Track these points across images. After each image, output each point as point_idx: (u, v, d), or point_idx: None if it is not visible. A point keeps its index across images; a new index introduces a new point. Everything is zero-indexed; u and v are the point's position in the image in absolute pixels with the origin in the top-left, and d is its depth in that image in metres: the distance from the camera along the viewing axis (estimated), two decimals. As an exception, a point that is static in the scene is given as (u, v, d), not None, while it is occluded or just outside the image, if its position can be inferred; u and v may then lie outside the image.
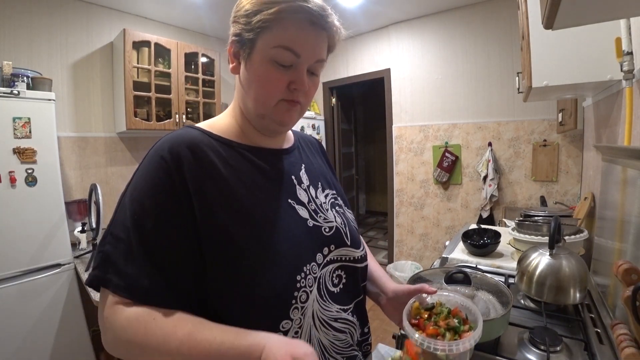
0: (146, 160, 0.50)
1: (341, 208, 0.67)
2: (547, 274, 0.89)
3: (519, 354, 0.76)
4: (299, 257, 0.53)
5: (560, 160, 2.37)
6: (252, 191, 0.53)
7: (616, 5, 0.57)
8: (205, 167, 0.50)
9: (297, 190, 0.59)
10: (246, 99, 0.55)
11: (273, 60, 0.50)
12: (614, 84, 1.10)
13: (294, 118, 0.56)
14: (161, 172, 0.48)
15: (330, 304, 0.57)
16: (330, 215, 0.62)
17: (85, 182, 2.28)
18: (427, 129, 2.98)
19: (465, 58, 2.73)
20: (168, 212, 0.47)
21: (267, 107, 0.53)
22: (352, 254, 0.62)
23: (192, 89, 2.64)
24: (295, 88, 0.52)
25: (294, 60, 0.50)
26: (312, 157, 0.70)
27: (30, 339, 1.66)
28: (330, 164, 0.77)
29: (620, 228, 0.86)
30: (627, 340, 0.59)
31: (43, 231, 1.73)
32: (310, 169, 0.66)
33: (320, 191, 0.64)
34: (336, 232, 0.60)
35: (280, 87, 0.51)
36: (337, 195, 0.69)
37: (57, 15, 2.17)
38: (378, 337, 2.30)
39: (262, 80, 0.51)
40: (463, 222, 2.82)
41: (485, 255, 1.38)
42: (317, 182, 0.65)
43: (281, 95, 0.52)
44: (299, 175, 0.62)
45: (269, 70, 0.50)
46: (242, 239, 0.48)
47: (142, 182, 0.49)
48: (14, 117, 1.63)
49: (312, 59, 0.52)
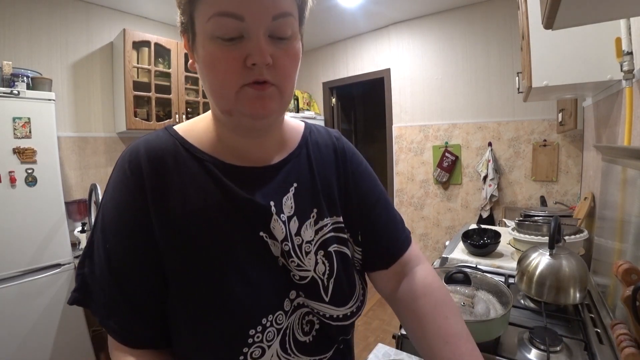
0: (114, 170, 0.45)
1: (340, 246, 0.51)
2: (547, 274, 0.89)
3: (519, 354, 0.76)
4: (257, 305, 0.42)
5: (560, 160, 2.37)
6: (215, 220, 0.43)
7: (616, 5, 0.56)
8: (165, 186, 0.43)
9: (271, 221, 0.46)
10: (209, 97, 0.44)
11: (214, 36, 0.38)
12: (614, 84, 1.10)
13: (268, 106, 0.41)
14: (123, 187, 0.43)
15: (297, 358, 0.46)
16: (308, 261, 0.47)
17: (85, 182, 2.28)
18: (427, 129, 2.97)
19: (465, 58, 2.73)
20: (133, 235, 0.42)
21: (228, 99, 0.40)
22: (328, 311, 0.47)
23: (192, 89, 2.64)
24: (253, 63, 0.38)
25: (239, 26, 0.37)
26: (314, 169, 0.52)
27: (30, 339, 1.66)
28: (352, 166, 0.57)
29: (620, 228, 0.86)
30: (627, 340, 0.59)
31: (43, 231, 1.73)
32: (303, 190, 0.50)
33: (310, 224, 0.49)
34: (310, 283, 0.47)
35: (234, 68, 0.38)
36: (342, 225, 0.52)
37: (57, 15, 2.17)
38: (378, 337, 2.30)
39: (209, 66, 0.39)
40: (463, 222, 2.82)
41: (485, 255, 1.38)
42: (309, 211, 0.50)
43: (239, 78, 0.38)
44: (281, 201, 0.48)
45: (213, 51, 0.38)
46: (191, 276, 0.41)
47: (108, 197, 0.44)
48: (14, 117, 1.63)
49: (265, 17, 0.37)
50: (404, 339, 0.87)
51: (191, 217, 0.43)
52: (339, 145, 0.57)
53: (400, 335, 0.87)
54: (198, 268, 0.42)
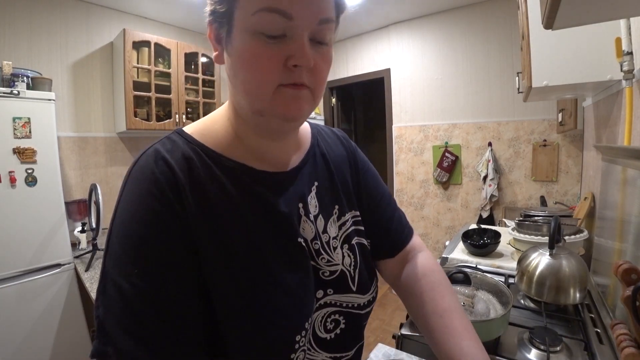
0: (132, 182, 0.39)
1: (360, 238, 0.54)
2: (547, 274, 0.89)
3: (519, 354, 0.76)
4: (300, 312, 0.43)
5: (560, 160, 2.37)
6: (252, 230, 0.41)
7: (616, 5, 0.57)
8: (202, 197, 0.39)
9: (301, 223, 0.46)
10: (237, 94, 0.42)
11: (257, 31, 0.36)
12: (614, 84, 1.10)
13: (302, 108, 0.40)
14: (153, 200, 0.37)
15: (317, 353, 0.47)
16: (336, 256, 0.49)
17: (85, 182, 2.28)
18: (427, 129, 2.97)
19: (465, 58, 2.73)
20: (173, 253, 0.37)
21: (263, 98, 0.38)
22: (355, 300, 0.50)
23: (192, 89, 2.64)
24: (295, 64, 0.37)
25: (286, 25, 0.36)
26: (332, 167, 0.54)
27: (30, 339, 1.66)
28: (360, 164, 0.60)
29: (620, 228, 0.86)
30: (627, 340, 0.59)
31: (43, 231, 1.73)
32: (324, 189, 0.52)
33: (333, 220, 0.51)
34: (339, 277, 0.49)
35: (274, 67, 0.37)
36: (359, 218, 0.55)
37: (57, 15, 2.17)
38: (378, 337, 2.30)
39: (248, 62, 0.37)
40: (463, 222, 2.82)
41: (485, 255, 1.38)
42: (331, 207, 0.52)
43: (278, 78, 0.37)
44: (307, 202, 0.48)
45: (254, 47, 0.36)
46: (236, 293, 0.39)
47: (128, 215, 0.37)
48: (14, 117, 1.63)
49: (312, 19, 0.37)
50: (404, 339, 0.87)
51: (231, 230, 0.40)
52: (347, 144, 0.61)
53: (400, 335, 0.87)
54: (242, 284, 0.39)
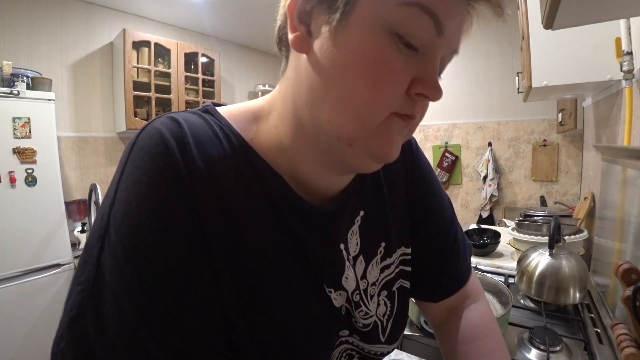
0: (135, 159, 0.27)
1: (404, 280, 0.44)
2: (547, 274, 0.89)
3: (518, 354, 0.76)
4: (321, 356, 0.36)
5: (560, 160, 2.37)
6: (281, 269, 0.32)
7: (616, 5, 0.57)
8: (224, 205, 0.29)
9: (344, 272, 0.37)
10: (321, 105, 0.28)
11: (392, 30, 0.25)
12: (613, 84, 1.10)
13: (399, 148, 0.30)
14: (164, 188, 0.26)
15: None
16: (372, 305, 0.40)
17: (85, 182, 2.28)
18: (427, 129, 2.97)
19: (465, 58, 2.73)
20: (191, 262, 0.27)
21: (368, 125, 0.28)
22: (380, 349, 0.42)
23: (192, 89, 2.65)
24: (420, 93, 0.27)
25: (430, 36, 0.26)
26: (384, 191, 0.42)
27: (30, 339, 1.66)
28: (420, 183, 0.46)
29: (620, 228, 0.86)
30: (627, 340, 0.59)
31: (43, 231, 1.73)
32: (370, 221, 0.40)
33: (376, 263, 0.41)
34: (372, 329, 0.40)
35: (400, 86, 0.27)
36: (408, 257, 0.45)
37: (57, 15, 2.17)
38: (378, 337, 2.30)
39: (369, 67, 0.26)
40: (463, 222, 2.82)
41: (485, 255, 1.38)
42: (376, 246, 0.41)
43: (396, 103, 0.27)
44: (347, 239, 0.38)
45: (385, 51, 0.26)
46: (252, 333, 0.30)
47: (130, 205, 0.26)
48: (13, 117, 1.63)
49: (452, 44, 0.28)
50: (404, 339, 0.87)
51: (254, 259, 0.30)
52: (408, 154, 0.46)
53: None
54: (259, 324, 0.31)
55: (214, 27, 2.93)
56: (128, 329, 0.24)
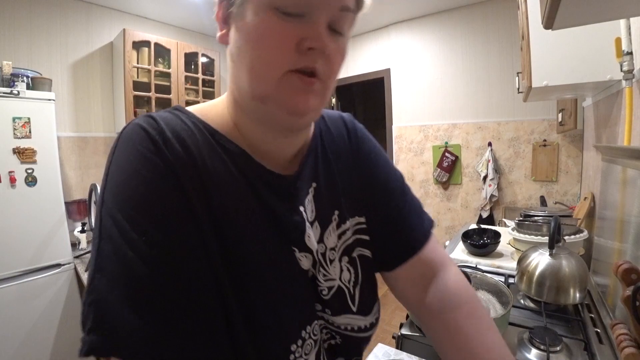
0: (123, 145, 0.34)
1: (363, 249, 0.47)
2: (547, 274, 0.89)
3: (518, 354, 0.76)
4: (296, 319, 0.39)
5: (560, 160, 2.37)
6: (251, 231, 0.37)
7: (616, 5, 0.57)
8: (201, 181, 0.35)
9: (306, 230, 0.41)
10: (239, 76, 0.36)
11: (271, 5, 0.32)
12: (613, 84, 1.10)
13: (310, 101, 0.35)
14: (149, 163, 0.32)
15: None
16: (333, 270, 0.43)
17: (85, 182, 2.28)
18: (427, 129, 2.98)
19: (465, 58, 2.73)
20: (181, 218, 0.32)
21: (268, 82, 0.34)
22: (355, 322, 0.44)
23: (192, 89, 2.65)
24: (310, 47, 0.32)
25: (305, 2, 0.32)
26: (333, 165, 0.47)
27: (31, 339, 1.66)
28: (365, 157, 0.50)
29: (620, 228, 0.86)
30: (627, 340, 0.59)
31: (43, 231, 1.73)
32: (322, 191, 0.45)
33: (332, 229, 0.44)
34: (337, 294, 0.43)
35: (286, 46, 0.32)
36: (363, 226, 0.48)
37: (57, 15, 2.17)
38: (378, 337, 2.29)
39: (258, 37, 0.33)
40: (463, 222, 2.82)
41: (485, 255, 1.38)
42: (330, 213, 0.45)
43: (288, 60, 0.33)
44: (305, 205, 0.42)
45: (267, 22, 0.32)
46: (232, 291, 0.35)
47: (122, 176, 0.32)
48: (13, 117, 1.63)
49: (335, 3, 0.33)
50: (404, 339, 0.87)
51: (230, 213, 0.35)
52: (352, 132, 0.51)
53: (400, 335, 0.87)
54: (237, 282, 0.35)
55: (214, 27, 2.89)
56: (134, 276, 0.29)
